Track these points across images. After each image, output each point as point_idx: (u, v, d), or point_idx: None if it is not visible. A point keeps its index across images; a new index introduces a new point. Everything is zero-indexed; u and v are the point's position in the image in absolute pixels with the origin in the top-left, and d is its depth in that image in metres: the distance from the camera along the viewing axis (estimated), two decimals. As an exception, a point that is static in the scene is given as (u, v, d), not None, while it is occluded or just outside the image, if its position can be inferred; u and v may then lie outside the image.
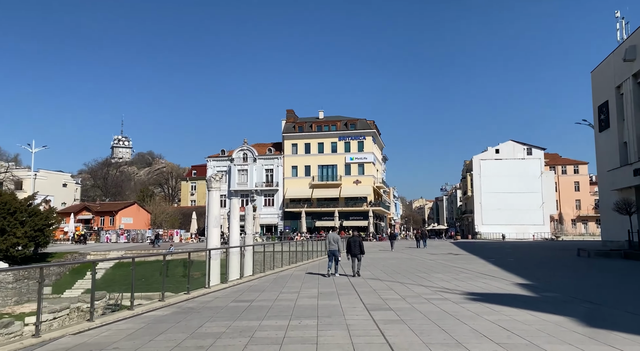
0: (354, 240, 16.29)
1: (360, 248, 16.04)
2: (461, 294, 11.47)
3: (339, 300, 10.60)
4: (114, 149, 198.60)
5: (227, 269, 16.50)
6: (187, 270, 11.97)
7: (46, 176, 79.05)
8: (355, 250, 15.93)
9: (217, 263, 19.92)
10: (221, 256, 21.76)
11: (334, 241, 16.32)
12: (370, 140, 67.37)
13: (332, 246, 16.23)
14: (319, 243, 28.61)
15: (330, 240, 16.44)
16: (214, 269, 18.86)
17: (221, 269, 17.46)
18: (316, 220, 64.73)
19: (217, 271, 19.71)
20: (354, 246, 16.00)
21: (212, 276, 17.80)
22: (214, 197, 21.31)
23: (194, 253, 17.35)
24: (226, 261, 19.73)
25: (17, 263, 34.79)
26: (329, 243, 16.45)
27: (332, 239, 16.47)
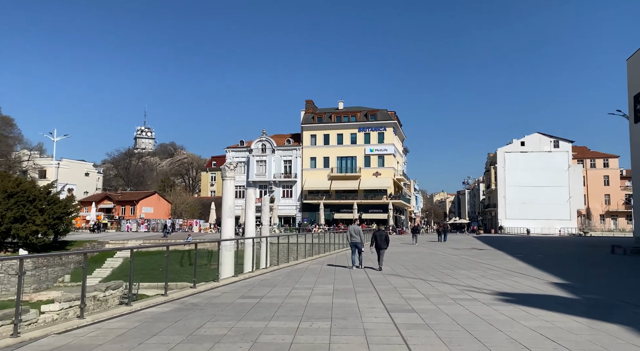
0: (380, 234, 16.04)
1: (386, 242, 15.83)
2: (491, 294, 10.41)
3: (356, 298, 9.68)
4: (137, 140, 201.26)
5: (243, 260, 15.84)
6: (194, 262, 11.21)
7: (69, 165, 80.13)
8: (381, 244, 15.73)
9: (230, 255, 19.25)
10: (239, 247, 21.13)
11: (356, 233, 15.97)
12: (390, 131, 65.90)
13: (354, 239, 15.96)
14: (337, 236, 27.74)
15: (352, 232, 16.09)
16: (228, 261, 18.16)
17: (239, 261, 16.77)
18: (335, 212, 63.84)
19: (231, 263, 19.05)
20: (380, 240, 15.77)
21: (225, 268, 17.14)
22: (228, 187, 20.57)
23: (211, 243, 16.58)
24: (244, 252, 19.05)
25: (37, 250, 34.97)
26: (350, 236, 16.13)
27: (354, 231, 16.10)
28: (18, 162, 57.10)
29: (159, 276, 33.00)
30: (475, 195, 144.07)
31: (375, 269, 15.51)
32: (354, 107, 71.06)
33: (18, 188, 34.06)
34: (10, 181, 34.67)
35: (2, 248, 34.18)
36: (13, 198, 33.22)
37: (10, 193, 33.21)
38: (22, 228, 33.06)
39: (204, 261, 27.46)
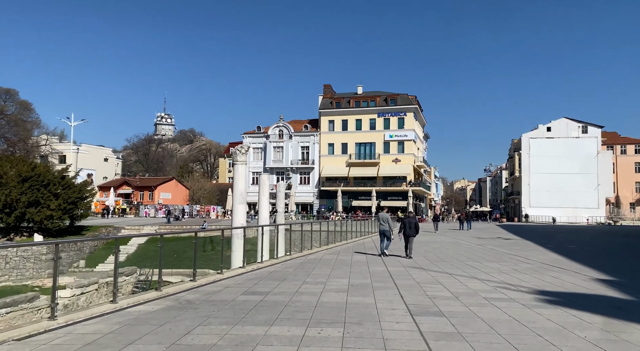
0: (410, 221, 15.81)
1: (416, 228, 15.62)
2: (529, 292, 9.08)
3: (374, 296, 8.48)
4: (157, 127, 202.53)
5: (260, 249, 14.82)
6: (194, 252, 10.15)
7: (88, 150, 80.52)
8: (410, 231, 15.47)
9: (240, 243, 18.25)
10: (254, 234, 20.14)
11: (384, 221, 15.90)
12: (411, 116, 63.92)
13: (382, 226, 15.88)
14: (355, 223, 26.54)
15: (381, 220, 16.05)
16: (238, 250, 17.16)
17: (253, 249, 15.76)
18: (352, 200, 62.56)
19: (241, 252, 18.05)
20: (409, 227, 15.50)
21: (236, 256, 16.13)
22: (239, 171, 19.53)
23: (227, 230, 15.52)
24: (252, 241, 18.04)
25: (52, 235, 34.79)
26: (379, 223, 16.11)
27: (382, 218, 16.05)
28: (36, 146, 57.23)
29: (173, 263, 32.44)
30: (497, 183, 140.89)
31: (402, 257, 15.29)
32: (373, 92, 69.15)
33: (32, 172, 33.77)
34: (25, 165, 34.39)
35: (17, 233, 34.08)
36: (27, 182, 32.95)
37: (24, 177, 32.94)
38: (36, 212, 32.82)
39: (219, 248, 26.72)
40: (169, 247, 32.65)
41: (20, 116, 54.35)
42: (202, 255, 29.31)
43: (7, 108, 53.57)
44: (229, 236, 17.24)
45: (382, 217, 16.20)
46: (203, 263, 28.79)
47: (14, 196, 31.86)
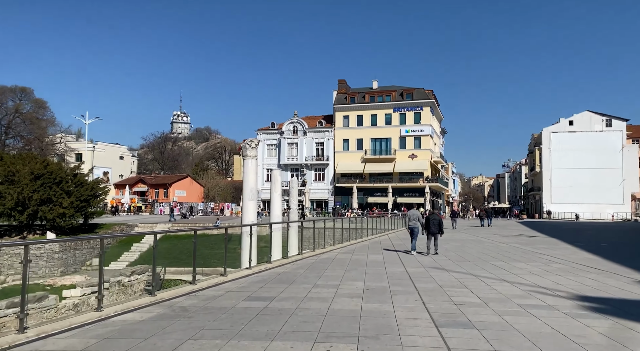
0: (433, 218, 15.74)
1: (439, 226, 15.52)
2: (569, 298, 8.01)
3: (392, 302, 7.51)
4: (174, 125, 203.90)
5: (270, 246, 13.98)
6: (193, 253, 9.31)
7: (103, 148, 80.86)
8: (434, 228, 15.47)
9: (248, 242, 17.43)
10: (265, 232, 19.33)
11: (415, 218, 15.98)
12: (428, 111, 62.41)
13: (413, 224, 15.92)
14: (371, 221, 25.52)
15: (411, 217, 16.09)
16: (245, 250, 16.35)
17: (261, 248, 14.95)
18: (368, 196, 61.44)
19: (254, 251, 17.22)
20: (433, 225, 15.50)
21: (244, 257, 15.33)
22: (249, 166, 18.70)
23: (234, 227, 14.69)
24: (266, 239, 17.22)
25: (65, 233, 34.57)
26: (409, 221, 16.12)
27: (413, 216, 16.11)
28: (51, 144, 57.45)
29: (186, 260, 31.80)
30: (516, 178, 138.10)
31: (424, 254, 15.21)
32: (388, 87, 67.78)
33: (45, 170, 33.52)
34: (37, 162, 34.17)
35: (30, 231, 33.93)
36: (39, 180, 32.71)
37: (36, 175, 32.71)
38: (48, 210, 32.56)
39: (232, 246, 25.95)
40: (182, 245, 31.76)
41: (35, 114, 54.54)
42: (216, 253, 28.72)
43: (22, 106, 53.83)
44: (240, 234, 16.49)
45: (412, 215, 16.16)
46: (216, 262, 28.10)
47: (26, 193, 31.65)
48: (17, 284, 29.52)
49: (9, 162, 33.60)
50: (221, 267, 28.38)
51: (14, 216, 32.31)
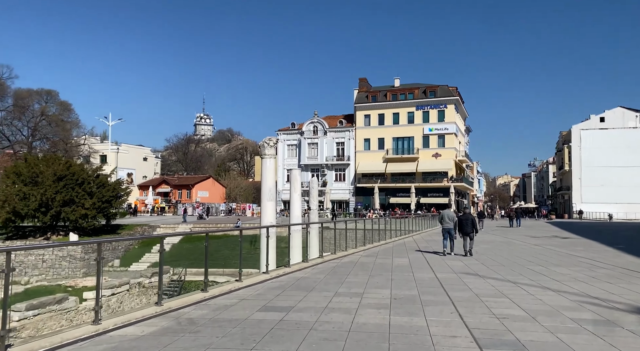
0: (466, 218, 15.45)
1: (473, 226, 15.20)
2: (630, 311, 6.97)
3: (425, 315, 6.64)
4: (197, 127, 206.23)
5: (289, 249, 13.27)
6: (204, 257, 8.63)
7: (127, 150, 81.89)
8: (467, 228, 15.13)
9: (265, 245, 16.76)
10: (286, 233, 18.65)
11: (450, 219, 15.49)
12: (452, 109, 60.82)
13: (447, 224, 15.46)
14: (395, 222, 24.56)
15: (445, 218, 15.58)
16: (262, 253, 15.68)
17: (281, 248, 14.28)
18: (390, 196, 60.24)
19: (272, 254, 16.51)
20: (466, 225, 15.19)
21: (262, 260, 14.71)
22: (267, 166, 18.01)
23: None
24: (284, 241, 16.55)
25: (88, 234, 34.67)
26: (443, 221, 15.62)
27: (448, 216, 15.61)
28: (75, 146, 58.27)
29: (210, 262, 31.35)
30: (543, 178, 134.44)
31: (461, 255, 14.93)
32: (411, 84, 66.43)
33: (67, 171, 33.69)
34: (60, 164, 34.37)
35: (54, 232, 34.14)
36: (62, 181, 32.86)
37: (59, 176, 32.87)
38: (71, 211, 32.67)
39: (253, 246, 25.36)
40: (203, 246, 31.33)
41: (60, 117, 55.39)
42: (237, 254, 28.21)
43: (48, 109, 54.74)
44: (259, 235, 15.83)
45: (447, 215, 15.68)
46: (237, 263, 27.59)
47: (49, 195, 31.81)
48: (40, 285, 29.63)
49: (33, 164, 33.90)
50: (243, 268, 27.78)
51: (37, 217, 32.54)
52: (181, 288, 30.80)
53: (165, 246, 31.63)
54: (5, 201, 31.20)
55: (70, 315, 21.84)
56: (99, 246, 6.53)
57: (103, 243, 6.76)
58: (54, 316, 21.04)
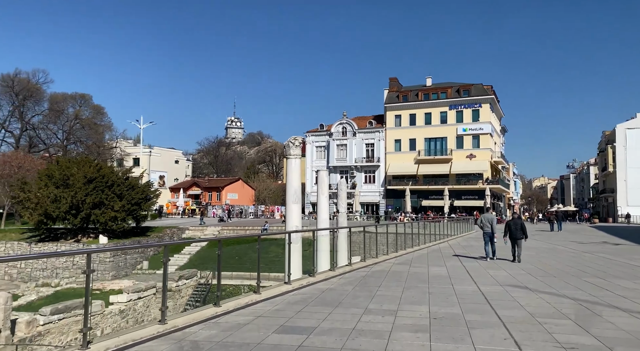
0: (515, 222, 14.71)
1: (522, 231, 14.46)
2: None
3: (472, 341, 5.50)
4: (228, 130, 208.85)
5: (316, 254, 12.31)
6: (217, 268, 7.76)
7: (159, 153, 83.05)
8: (517, 234, 14.41)
9: (297, 249, 15.83)
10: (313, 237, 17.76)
11: (489, 222, 15.10)
12: (487, 108, 58.52)
13: (486, 228, 15.05)
14: (430, 226, 23.22)
15: (485, 221, 15.22)
16: (293, 259, 14.75)
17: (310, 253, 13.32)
18: (422, 199, 58.44)
19: (297, 260, 15.58)
20: (515, 230, 14.43)
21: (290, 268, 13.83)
22: (292, 166, 17.13)
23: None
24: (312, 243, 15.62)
25: (117, 236, 34.76)
26: (482, 225, 15.21)
27: (487, 220, 15.25)
28: (107, 149, 59.33)
29: (235, 266, 30.68)
30: (583, 180, 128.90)
31: (509, 261, 14.41)
32: (444, 83, 64.44)
33: (97, 173, 33.88)
34: (90, 166, 34.62)
35: (84, 234, 34.38)
36: (92, 184, 33.03)
37: (89, 178, 33.06)
38: (101, 213, 32.77)
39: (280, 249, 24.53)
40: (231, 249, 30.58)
41: (93, 120, 56.49)
42: (264, 257, 27.48)
43: (82, 113, 55.92)
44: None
45: (486, 218, 15.30)
46: (264, 267, 26.78)
47: (79, 197, 32.00)
48: (70, 287, 29.70)
49: (64, 167, 34.26)
50: (269, 272, 26.60)
51: (68, 219, 32.81)
52: (208, 292, 30.34)
53: (193, 248, 30.98)
54: (37, 203, 31.57)
55: (95, 319, 21.55)
56: (88, 257, 5.70)
57: (92, 252, 5.93)
58: (80, 321, 20.77)
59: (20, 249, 33.26)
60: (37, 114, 53.58)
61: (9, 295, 18.36)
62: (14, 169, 38.55)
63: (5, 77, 49.13)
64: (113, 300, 23.49)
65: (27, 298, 25.96)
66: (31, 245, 32.94)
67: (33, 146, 53.75)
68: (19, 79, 50.10)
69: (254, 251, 27.00)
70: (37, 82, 52.25)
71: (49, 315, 19.18)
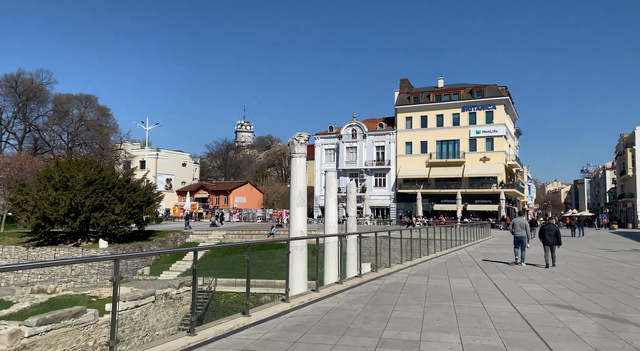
0: (550, 228, 14.50)
1: (556, 237, 14.13)
2: None
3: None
4: (237, 134, 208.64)
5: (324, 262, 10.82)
6: (192, 290, 6.29)
7: (167, 155, 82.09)
8: (550, 239, 14.11)
9: (301, 257, 14.31)
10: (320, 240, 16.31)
11: (522, 227, 14.86)
12: (501, 109, 56.63)
13: (519, 233, 14.82)
14: (447, 231, 21.56)
15: (517, 226, 15.00)
16: (297, 269, 13.24)
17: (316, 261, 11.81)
18: (434, 203, 56.60)
19: (302, 271, 13.99)
20: (549, 235, 14.12)
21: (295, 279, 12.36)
22: (297, 166, 15.66)
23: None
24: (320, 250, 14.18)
25: (118, 240, 33.53)
26: (515, 229, 15.00)
27: (520, 224, 15.04)
28: (112, 151, 58.37)
29: (239, 272, 29.12)
30: (598, 184, 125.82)
31: (542, 267, 14.01)
32: (456, 84, 62.67)
33: (98, 175, 32.72)
34: (91, 168, 33.48)
35: (84, 238, 33.21)
36: (92, 186, 31.88)
37: (89, 180, 31.92)
38: (100, 217, 31.58)
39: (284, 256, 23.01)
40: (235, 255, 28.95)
41: (99, 122, 55.59)
42: (270, 263, 26.03)
43: (87, 114, 55.05)
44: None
45: (519, 223, 15.11)
46: (270, 273, 25.29)
47: (78, 199, 30.85)
48: (66, 295, 28.34)
49: (64, 168, 33.17)
50: (274, 279, 24.85)
51: (67, 223, 31.66)
52: (211, 300, 28.91)
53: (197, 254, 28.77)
54: (35, 206, 30.46)
55: (88, 329, 20.19)
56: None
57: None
58: (69, 332, 19.39)
59: (18, 253, 32.17)
60: (41, 115, 52.82)
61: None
62: (14, 171, 37.59)
63: (8, 78, 48.41)
64: (109, 308, 22.15)
65: (20, 306, 24.70)
66: (29, 249, 31.83)
67: (38, 148, 52.96)
68: (22, 79, 49.32)
69: (260, 256, 25.63)
70: (40, 83, 51.45)
71: (35, 326, 17.80)
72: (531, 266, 14.35)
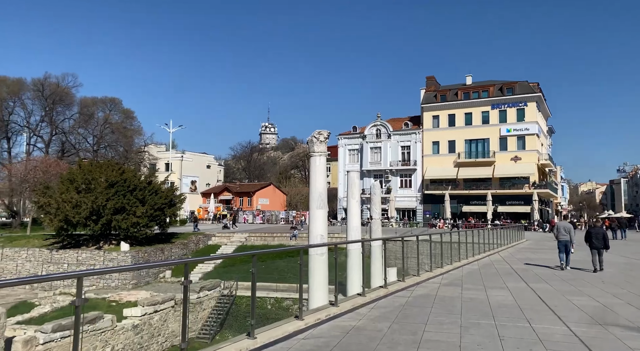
0: (597, 231, 14.15)
1: (604, 241, 13.84)
2: None
3: None
4: (262, 136, 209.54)
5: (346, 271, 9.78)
6: (183, 311, 5.32)
7: (191, 158, 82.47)
8: (597, 243, 13.81)
9: (321, 262, 13.26)
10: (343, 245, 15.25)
11: (566, 231, 14.65)
12: (533, 107, 54.27)
13: (563, 236, 14.56)
14: (478, 234, 20.13)
15: (562, 230, 14.79)
16: (316, 277, 12.14)
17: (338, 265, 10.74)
18: (463, 204, 54.67)
19: (323, 278, 12.87)
20: (596, 239, 13.81)
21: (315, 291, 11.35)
22: (317, 165, 14.55)
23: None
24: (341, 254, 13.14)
25: (140, 243, 33.24)
26: (559, 233, 14.76)
27: (564, 228, 14.84)
28: (136, 153, 58.74)
29: (263, 276, 28.24)
30: (636, 184, 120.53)
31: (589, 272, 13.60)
32: (485, 81, 60.51)
33: (120, 177, 32.53)
34: (113, 170, 33.33)
35: (106, 241, 33.06)
36: (114, 188, 31.68)
37: (111, 183, 31.73)
38: (122, 219, 31.31)
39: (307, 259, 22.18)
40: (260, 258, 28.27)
41: (123, 124, 56.04)
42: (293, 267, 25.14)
43: (111, 117, 55.60)
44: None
45: (563, 227, 15.00)
46: (292, 277, 24.31)
47: (100, 202, 30.67)
48: (88, 297, 28.21)
49: (86, 170, 33.14)
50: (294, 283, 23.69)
51: (89, 225, 31.54)
52: (232, 305, 28.13)
53: (218, 258, 28.21)
54: (57, 208, 30.44)
55: (105, 335, 19.65)
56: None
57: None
58: (85, 338, 18.86)
59: (42, 256, 32.26)
60: (67, 118, 53.56)
61: (2, 311, 16.70)
62: (39, 174, 37.95)
63: (36, 82, 49.26)
64: (127, 313, 21.60)
65: (41, 309, 24.49)
66: (52, 252, 31.87)
67: (65, 151, 53.72)
68: (48, 83, 50.11)
69: (282, 259, 24.73)
70: (66, 86, 52.22)
71: (50, 332, 17.33)
72: (577, 272, 13.16)
